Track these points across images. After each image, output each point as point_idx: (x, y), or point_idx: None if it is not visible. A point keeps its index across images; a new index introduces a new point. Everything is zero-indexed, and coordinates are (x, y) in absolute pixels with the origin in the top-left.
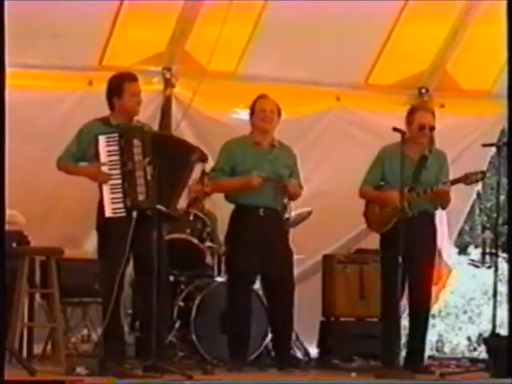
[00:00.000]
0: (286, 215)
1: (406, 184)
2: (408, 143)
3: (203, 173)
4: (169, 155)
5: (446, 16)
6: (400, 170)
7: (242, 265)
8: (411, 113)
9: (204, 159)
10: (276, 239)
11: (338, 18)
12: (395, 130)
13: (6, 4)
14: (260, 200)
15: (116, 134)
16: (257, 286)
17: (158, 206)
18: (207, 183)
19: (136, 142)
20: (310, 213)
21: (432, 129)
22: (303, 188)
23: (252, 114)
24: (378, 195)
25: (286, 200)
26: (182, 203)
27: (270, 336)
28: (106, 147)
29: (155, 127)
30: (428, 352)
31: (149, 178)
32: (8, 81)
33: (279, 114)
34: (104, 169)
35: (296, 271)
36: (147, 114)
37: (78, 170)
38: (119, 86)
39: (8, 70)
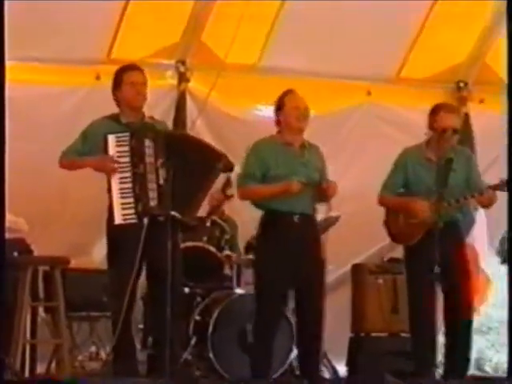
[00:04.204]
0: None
1: (432, 191)
2: (430, 146)
3: (227, 182)
4: (187, 158)
5: (486, 3)
6: (425, 176)
7: (273, 276)
8: (433, 113)
9: (230, 168)
10: (310, 247)
11: (369, 7)
12: None
13: None
14: (295, 206)
15: (126, 134)
16: None
17: (172, 213)
18: (240, 191)
19: (147, 142)
20: (338, 218)
21: (455, 131)
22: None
23: (280, 111)
24: (403, 204)
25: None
26: (202, 212)
27: (294, 352)
28: (115, 147)
29: (168, 126)
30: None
31: (161, 181)
32: (10, 75)
33: (309, 112)
34: (113, 159)
35: None
36: (160, 111)
37: (83, 162)
38: (118, 77)
39: (10, 63)
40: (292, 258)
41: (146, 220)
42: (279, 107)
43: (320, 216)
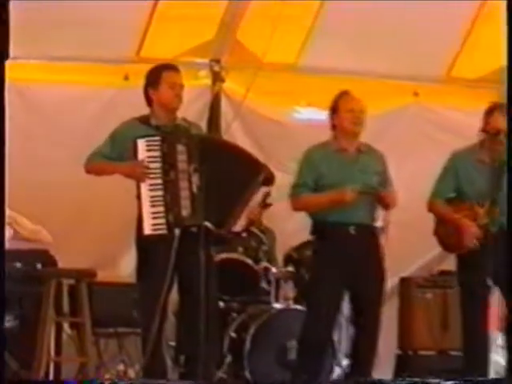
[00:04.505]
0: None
1: (485, 195)
2: (484, 147)
3: (267, 195)
4: (224, 165)
5: None
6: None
7: (327, 291)
8: (487, 113)
9: (271, 181)
10: (368, 259)
11: (417, 2)
12: None
13: None
14: (351, 216)
15: (157, 138)
16: None
17: (206, 223)
18: (293, 202)
19: (180, 147)
20: (383, 228)
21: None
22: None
23: (334, 114)
24: (452, 218)
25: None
26: (239, 225)
27: (336, 373)
28: (145, 152)
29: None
30: None
31: (194, 189)
32: (32, 75)
33: (365, 114)
34: (143, 164)
35: None
36: (193, 114)
37: (111, 167)
38: (155, 75)
39: (33, 62)
40: (348, 272)
41: (177, 231)
42: (333, 110)
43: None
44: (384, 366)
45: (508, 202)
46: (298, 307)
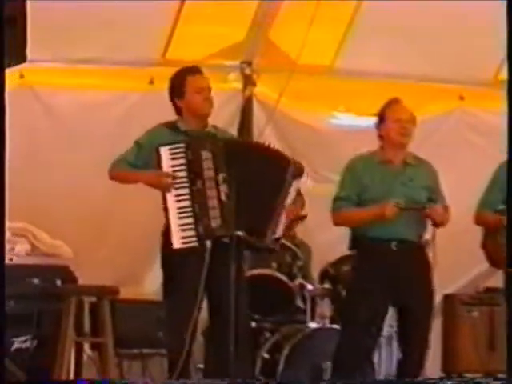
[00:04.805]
0: None
1: None
2: None
3: (299, 192)
4: (252, 168)
5: None
6: None
7: (365, 310)
8: None
9: (301, 172)
10: (413, 275)
11: (463, 3)
12: None
13: None
14: (393, 231)
15: (181, 145)
16: None
17: (238, 233)
18: (335, 216)
19: (205, 153)
20: (430, 243)
21: None
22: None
23: (382, 123)
24: (501, 221)
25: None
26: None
27: None
28: (170, 161)
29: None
30: None
31: (223, 198)
32: (52, 79)
33: (415, 124)
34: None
35: None
36: (223, 119)
37: (135, 176)
38: (179, 82)
39: (53, 65)
40: (391, 288)
41: (208, 243)
42: (380, 119)
43: None
44: None
45: (508, 201)
46: (335, 326)
